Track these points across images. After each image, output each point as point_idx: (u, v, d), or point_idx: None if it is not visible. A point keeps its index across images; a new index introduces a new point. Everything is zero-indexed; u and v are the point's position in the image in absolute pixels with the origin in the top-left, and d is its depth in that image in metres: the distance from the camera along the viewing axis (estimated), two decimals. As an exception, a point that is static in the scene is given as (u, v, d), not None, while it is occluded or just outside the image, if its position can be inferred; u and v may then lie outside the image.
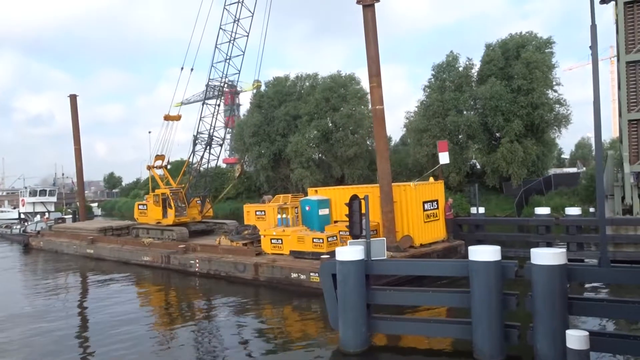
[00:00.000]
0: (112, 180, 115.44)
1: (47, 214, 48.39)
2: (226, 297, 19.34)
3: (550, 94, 43.92)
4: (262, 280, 20.34)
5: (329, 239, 19.86)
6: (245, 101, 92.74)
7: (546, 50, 44.33)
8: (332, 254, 14.40)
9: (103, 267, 28.14)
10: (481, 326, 10.85)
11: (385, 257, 13.09)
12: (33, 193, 50.36)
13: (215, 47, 27.77)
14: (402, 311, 14.61)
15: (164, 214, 28.92)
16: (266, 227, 23.11)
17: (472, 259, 10.95)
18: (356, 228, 18.46)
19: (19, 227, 46.81)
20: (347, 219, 14.73)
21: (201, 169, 29.73)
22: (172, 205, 28.57)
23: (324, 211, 23.09)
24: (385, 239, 14.14)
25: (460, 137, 46.69)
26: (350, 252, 12.03)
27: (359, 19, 21.25)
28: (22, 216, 51.14)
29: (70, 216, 45.05)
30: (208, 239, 27.26)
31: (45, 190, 51.39)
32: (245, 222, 25.92)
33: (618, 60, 25.97)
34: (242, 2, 26.49)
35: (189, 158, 30.56)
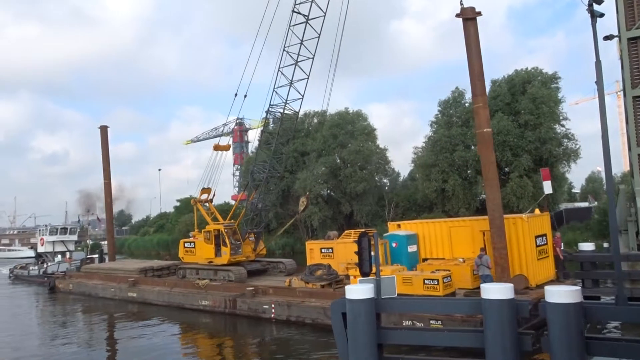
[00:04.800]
0: (122, 218, 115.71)
1: (68, 253, 46.26)
2: (317, 349, 16.36)
3: (558, 129, 43.76)
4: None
5: (444, 280, 17.12)
6: (253, 138, 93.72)
7: (552, 86, 44.43)
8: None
9: (151, 312, 25.34)
10: (495, 367, 10.37)
11: (396, 295, 12.70)
12: (53, 231, 47.38)
13: (279, 70, 25.01)
14: (415, 351, 13.96)
15: (218, 253, 26.41)
16: (335, 266, 21.43)
17: (485, 296, 10.61)
18: (366, 266, 18.03)
19: (36, 267, 44.67)
20: (440, 257, 14.36)
21: (258, 203, 27.68)
22: (227, 242, 26.19)
23: (412, 248, 21.14)
24: (395, 276, 13.69)
25: (468, 172, 46.43)
26: (360, 290, 11.73)
27: (366, 57, 20.71)
28: (38, 256, 48.68)
29: (97, 256, 42.60)
30: (267, 280, 25.25)
31: (66, 229, 48.43)
32: (309, 261, 24.08)
33: (624, 95, 25.84)
34: (308, 22, 23.64)
35: (243, 192, 29.22)
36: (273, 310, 20.77)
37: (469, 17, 19.04)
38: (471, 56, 19.06)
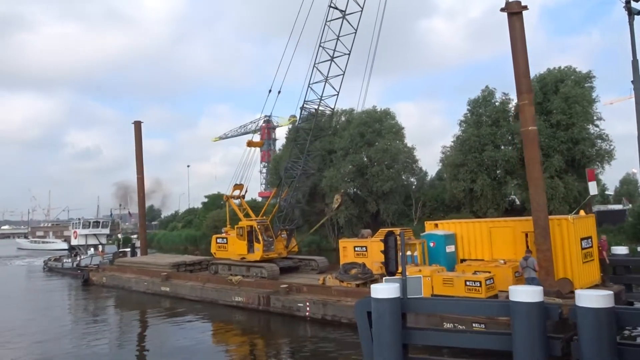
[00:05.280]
0: (151, 213, 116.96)
1: (100, 246, 46.49)
2: (354, 348, 15.44)
3: (592, 129, 42.28)
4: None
5: (487, 282, 16.43)
6: (281, 135, 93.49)
7: (586, 85, 42.97)
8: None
9: (184, 307, 25.12)
10: (524, 371, 9.98)
11: (422, 295, 12.38)
12: (86, 225, 47.80)
13: (314, 66, 24.39)
14: (440, 351, 13.54)
15: (250, 249, 26.08)
16: (369, 265, 20.98)
17: (513, 299, 10.22)
18: (392, 265, 17.44)
19: (70, 260, 45.12)
20: (479, 258, 13.86)
21: (291, 198, 27.15)
22: (260, 239, 25.80)
23: (450, 248, 20.48)
24: (421, 276, 13.28)
25: (498, 172, 45.32)
26: (385, 289, 11.48)
27: (394, 55, 19.95)
28: (71, 248, 49.36)
29: (129, 249, 42.79)
30: (299, 277, 24.87)
31: (99, 222, 48.76)
32: (342, 259, 23.53)
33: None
34: (345, 17, 22.97)
35: (277, 188, 28.94)
36: (308, 309, 20.28)
37: (514, 12, 18.15)
38: (516, 52, 18.21)
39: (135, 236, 63.78)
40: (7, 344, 18.60)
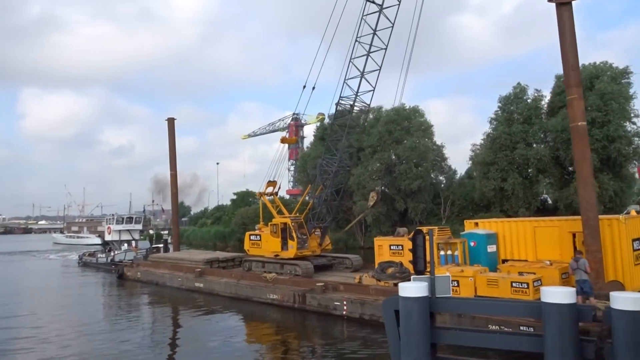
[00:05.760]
0: (181, 209, 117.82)
1: (134, 242, 46.79)
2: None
3: (628, 127, 40.64)
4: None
5: (534, 284, 15.59)
6: (309, 133, 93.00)
7: (623, 81, 41.26)
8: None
9: (218, 303, 24.84)
10: (555, 374, 9.53)
11: (451, 295, 11.90)
12: (120, 221, 47.69)
13: (350, 61, 23.77)
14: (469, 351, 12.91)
15: (284, 246, 25.67)
16: (405, 264, 20.31)
17: (545, 300, 9.74)
18: (420, 263, 16.71)
19: (104, 255, 45.39)
20: (522, 258, 13.16)
21: (325, 195, 26.57)
22: (294, 236, 25.35)
23: (492, 248, 19.69)
24: (450, 275, 12.81)
25: (529, 170, 43.98)
26: (413, 288, 11.13)
27: (424, 52, 19.09)
28: (105, 244, 49.57)
29: (162, 245, 42.68)
30: (333, 275, 24.44)
31: (132, 218, 48.77)
32: (377, 257, 23.08)
33: None
34: (382, 11, 22.31)
35: (310, 185, 28.36)
36: (345, 308, 19.69)
37: (563, 2, 17.21)
38: (565, 44, 17.29)
39: (166, 232, 64.17)
40: (48, 339, 18.54)
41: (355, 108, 24.71)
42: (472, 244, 19.65)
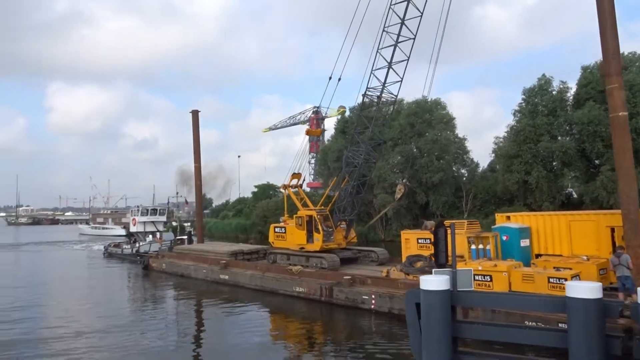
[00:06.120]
0: (203, 202, 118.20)
1: (158, 234, 46.71)
2: None
3: (659, 119, 39.01)
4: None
5: (573, 280, 14.90)
6: (329, 126, 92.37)
7: (653, 72, 39.67)
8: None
9: (243, 295, 24.55)
10: (580, 371, 9.23)
11: (473, 288, 11.74)
12: (144, 212, 47.56)
13: (378, 51, 23.10)
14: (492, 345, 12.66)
15: (309, 239, 25.24)
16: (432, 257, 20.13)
17: (570, 295, 9.43)
18: (442, 257, 16.20)
19: (129, 246, 45.46)
20: (557, 253, 12.69)
21: (351, 188, 25.90)
22: (320, 229, 24.90)
23: (525, 242, 19.10)
24: (472, 269, 12.44)
25: (554, 164, 42.80)
26: (435, 281, 11.01)
27: (447, 43, 18.38)
28: (130, 235, 49.55)
29: (186, 237, 42.51)
30: (359, 269, 23.99)
31: (156, 210, 48.71)
32: (404, 251, 22.66)
33: None
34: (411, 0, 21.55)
35: (336, 178, 27.73)
36: (373, 301, 19.20)
37: (604, -16, 16.34)
38: (605, 31, 16.43)
39: (188, 224, 64.46)
40: (74, 329, 18.54)
41: (382, 99, 24.01)
42: (504, 238, 19.01)
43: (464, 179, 52.47)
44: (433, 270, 12.45)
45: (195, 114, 43.37)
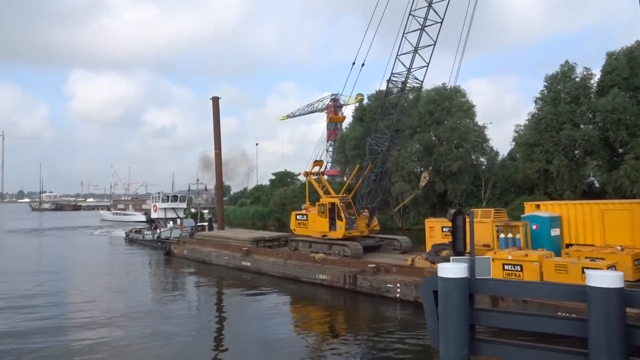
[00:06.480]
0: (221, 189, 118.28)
1: (179, 220, 46.48)
2: None
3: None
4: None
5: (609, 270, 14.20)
6: (347, 114, 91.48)
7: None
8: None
9: (266, 282, 24.23)
10: (599, 361, 9.05)
11: (491, 277, 11.49)
12: (165, 199, 47.15)
13: (404, 35, 22.41)
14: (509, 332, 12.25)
15: (332, 226, 24.76)
16: None
17: (590, 284, 9.17)
18: (459, 244, 15.71)
19: (150, 232, 45.60)
20: (589, 243, 12.34)
21: (374, 175, 25.34)
22: (343, 216, 24.43)
23: (555, 231, 18.52)
24: (490, 257, 12.12)
25: (576, 152, 41.85)
26: (453, 269, 10.89)
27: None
28: (151, 221, 49.38)
29: (206, 224, 42.14)
30: (381, 257, 23.54)
31: (177, 196, 48.36)
32: (428, 239, 22.27)
33: None
34: None
35: (359, 165, 26.98)
36: (399, 290, 18.71)
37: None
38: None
39: (206, 211, 64.58)
40: (96, 315, 18.58)
41: (407, 85, 23.39)
42: (534, 227, 18.41)
43: (483, 167, 51.56)
44: (451, 257, 12.32)
45: (215, 100, 43.01)
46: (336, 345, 14.50)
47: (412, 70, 22.46)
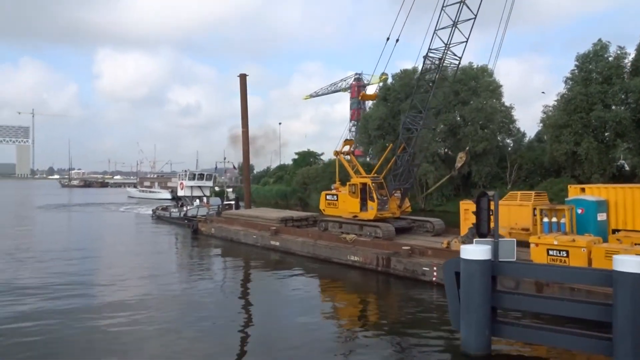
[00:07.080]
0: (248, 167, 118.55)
1: (205, 198, 46.41)
2: None
3: None
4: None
5: None
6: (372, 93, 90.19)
7: None
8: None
9: (296, 262, 23.89)
10: (624, 345, 9.08)
11: (515, 259, 11.37)
12: (191, 177, 46.87)
13: (442, 9, 21.58)
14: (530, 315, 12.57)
15: (363, 207, 24.15)
16: None
17: (617, 269, 9.10)
18: (483, 226, 15.18)
19: (176, 210, 45.63)
20: (636, 229, 12.12)
21: (408, 156, 24.49)
22: (375, 197, 23.73)
23: (602, 216, 17.71)
24: (515, 239, 11.82)
25: (606, 134, 40.36)
26: (476, 251, 10.69)
27: (496, 6, 16.39)
28: (178, 199, 49.23)
29: (233, 202, 42.20)
30: (413, 239, 22.95)
31: (203, 175, 47.76)
32: (462, 222, 21.61)
33: None
34: None
35: (391, 145, 25.75)
36: (435, 273, 18.14)
37: None
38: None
39: (230, 190, 64.80)
40: (123, 286, 18.78)
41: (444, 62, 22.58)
42: (579, 211, 17.51)
43: (509, 149, 50.38)
44: (474, 240, 12.13)
45: (243, 78, 42.45)
46: (371, 331, 13.98)
47: (450, 45, 21.54)
